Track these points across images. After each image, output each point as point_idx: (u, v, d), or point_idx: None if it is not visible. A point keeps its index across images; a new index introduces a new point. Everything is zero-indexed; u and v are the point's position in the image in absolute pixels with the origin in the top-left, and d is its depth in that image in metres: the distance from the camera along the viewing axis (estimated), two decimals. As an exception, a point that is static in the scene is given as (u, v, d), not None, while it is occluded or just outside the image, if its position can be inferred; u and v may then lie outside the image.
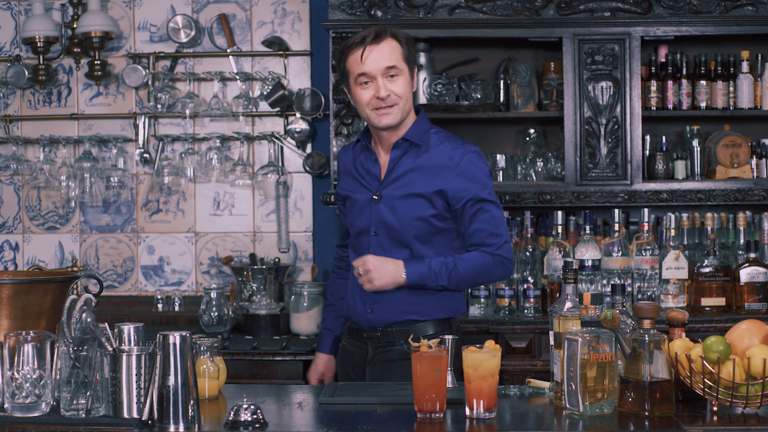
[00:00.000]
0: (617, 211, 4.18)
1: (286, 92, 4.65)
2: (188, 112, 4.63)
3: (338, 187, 3.27)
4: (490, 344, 2.43)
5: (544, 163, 4.45)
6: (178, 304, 4.62)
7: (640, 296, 4.12)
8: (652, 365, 2.36)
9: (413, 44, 3.11)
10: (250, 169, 4.71)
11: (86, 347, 2.37)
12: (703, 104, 4.40)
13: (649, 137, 4.46)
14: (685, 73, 4.42)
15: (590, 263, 4.09)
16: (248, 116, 4.72)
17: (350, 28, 4.27)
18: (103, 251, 4.77)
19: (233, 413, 2.30)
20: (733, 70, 4.43)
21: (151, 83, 4.70)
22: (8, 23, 4.80)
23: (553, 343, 2.55)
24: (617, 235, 4.13)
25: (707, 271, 4.14)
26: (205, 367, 2.65)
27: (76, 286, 2.73)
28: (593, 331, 2.39)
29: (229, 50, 4.71)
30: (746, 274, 4.10)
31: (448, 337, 2.69)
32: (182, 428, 2.28)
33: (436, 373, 2.38)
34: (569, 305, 2.54)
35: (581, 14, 4.27)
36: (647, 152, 4.44)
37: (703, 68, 4.42)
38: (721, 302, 4.13)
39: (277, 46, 4.71)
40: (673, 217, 4.23)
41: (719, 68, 4.43)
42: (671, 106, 4.41)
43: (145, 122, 4.72)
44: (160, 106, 4.67)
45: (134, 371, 2.32)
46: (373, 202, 3.10)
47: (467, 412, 2.39)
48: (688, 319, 2.61)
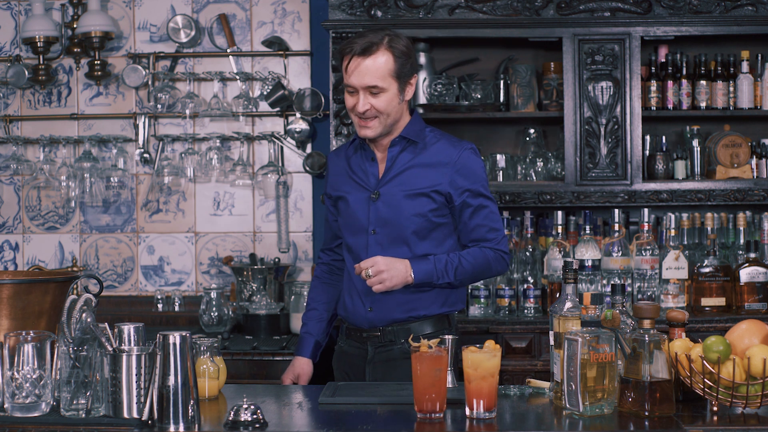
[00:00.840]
0: (617, 211, 4.18)
1: (286, 92, 4.65)
2: (188, 112, 4.63)
3: (329, 188, 3.26)
4: (490, 344, 2.43)
5: (544, 163, 4.45)
6: (178, 304, 4.62)
7: (640, 296, 4.12)
8: (652, 365, 2.36)
9: (410, 55, 3.06)
10: (250, 169, 4.71)
11: (86, 347, 2.37)
12: (703, 104, 4.40)
13: (649, 137, 4.46)
14: (685, 73, 4.42)
15: (590, 263, 4.09)
16: (248, 116, 4.72)
17: (350, 28, 4.27)
18: (103, 251, 4.77)
19: (233, 413, 2.30)
20: (733, 70, 4.43)
21: (151, 83, 4.70)
22: (8, 23, 4.80)
23: (553, 343, 2.55)
24: (617, 235, 4.13)
25: (707, 271, 4.14)
26: (205, 367, 2.65)
27: (76, 286, 2.73)
28: (593, 331, 2.39)
29: (229, 50, 4.71)
30: (746, 274, 4.10)
31: (448, 337, 2.69)
32: (182, 428, 2.28)
33: (436, 373, 2.38)
34: (569, 305, 2.54)
35: (581, 14, 4.27)
36: (647, 152, 4.44)
37: (703, 68, 4.42)
38: (721, 302, 4.13)
39: (277, 46, 4.71)
40: (673, 217, 4.23)
41: (719, 68, 4.43)
42: (671, 106, 4.41)
43: (145, 122, 4.72)
44: (160, 106, 4.67)
45: (134, 371, 2.32)
46: (370, 200, 3.09)
47: (467, 412, 2.39)
48: (688, 319, 2.61)
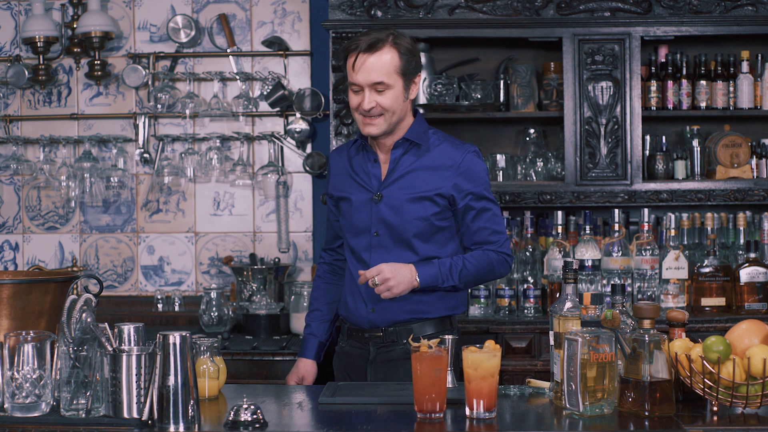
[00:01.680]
0: (617, 211, 4.18)
1: (286, 92, 4.65)
2: (188, 112, 4.63)
3: (330, 188, 3.25)
4: (490, 344, 2.43)
5: (544, 163, 4.45)
6: (178, 304, 4.62)
7: (640, 296, 4.12)
8: (652, 365, 2.36)
9: (414, 54, 3.08)
10: (250, 169, 4.71)
11: (86, 347, 2.37)
12: (703, 104, 4.40)
13: (649, 137, 4.46)
14: (685, 73, 4.42)
15: (590, 263, 4.09)
16: (248, 116, 4.72)
17: (350, 28, 4.27)
18: (103, 251, 4.77)
19: (233, 413, 2.30)
20: (733, 70, 4.43)
21: (151, 83, 4.70)
22: (8, 23, 4.80)
23: (553, 343, 2.55)
24: (617, 235, 4.13)
25: (707, 271, 4.14)
26: (205, 367, 2.65)
27: (76, 286, 2.73)
28: (593, 331, 2.39)
29: (229, 50, 4.71)
30: (746, 274, 4.10)
31: (448, 337, 2.69)
32: (182, 428, 2.28)
33: (436, 373, 2.38)
34: (569, 305, 2.54)
35: (581, 14, 4.27)
36: (647, 152, 4.44)
37: (703, 68, 4.42)
38: (721, 302, 4.13)
39: (277, 46, 4.71)
40: (673, 217, 4.23)
41: (719, 68, 4.43)
42: (671, 106, 4.41)
43: (145, 122, 4.72)
44: (160, 106, 4.67)
45: (134, 371, 2.32)
46: (373, 202, 3.08)
47: (467, 412, 2.39)
48: (688, 319, 2.61)
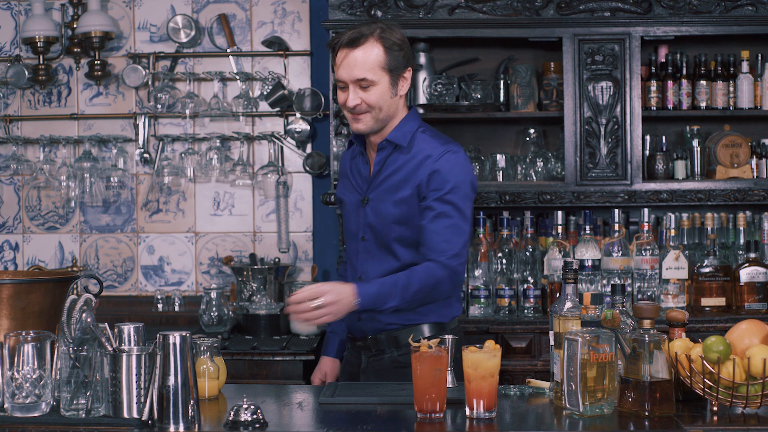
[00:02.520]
0: (617, 211, 4.18)
1: (286, 92, 4.65)
2: (188, 112, 4.63)
3: (337, 189, 3.23)
4: (490, 344, 2.43)
5: (544, 163, 4.45)
6: (178, 304, 4.62)
7: (640, 296, 4.12)
8: (652, 365, 2.36)
9: (404, 48, 2.94)
10: (250, 169, 4.71)
11: (86, 347, 2.37)
12: (703, 104, 4.40)
13: (649, 137, 4.46)
14: (685, 73, 4.42)
15: (590, 263, 4.09)
16: (248, 116, 4.72)
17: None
18: (103, 251, 4.77)
19: (233, 413, 2.30)
20: (733, 70, 4.43)
21: (151, 83, 4.70)
22: (8, 23, 4.80)
23: (553, 343, 2.55)
24: (617, 235, 4.13)
25: (707, 271, 4.14)
26: (205, 367, 2.65)
27: (76, 286, 2.73)
28: (593, 331, 2.39)
29: (229, 50, 4.71)
30: (746, 274, 4.10)
31: (448, 337, 2.69)
32: (182, 428, 2.28)
33: (436, 373, 2.38)
34: (569, 305, 2.53)
35: (581, 14, 4.27)
36: (647, 152, 4.44)
37: (703, 68, 4.42)
38: (721, 302, 4.13)
39: (277, 46, 4.71)
40: (673, 217, 4.22)
41: (719, 68, 4.43)
42: (671, 106, 4.41)
43: (145, 122, 4.72)
44: (160, 106, 4.67)
45: (134, 371, 2.32)
46: (361, 205, 3.03)
47: (467, 412, 2.39)
48: (688, 319, 2.61)
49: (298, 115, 4.66)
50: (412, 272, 2.85)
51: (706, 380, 2.34)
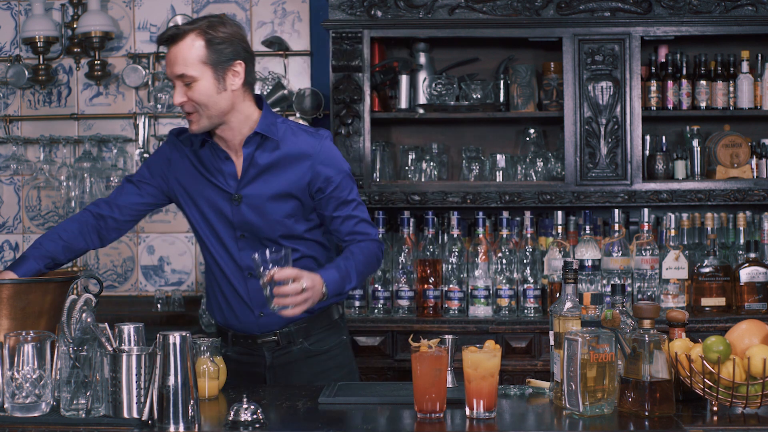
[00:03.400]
0: (617, 211, 4.18)
1: (286, 92, 4.65)
2: (188, 112, 4.63)
3: (169, 170, 2.97)
4: (490, 344, 2.43)
5: (544, 163, 4.45)
6: (178, 304, 4.62)
7: (640, 296, 4.12)
8: (652, 365, 2.36)
9: (233, 42, 2.81)
10: (250, 169, 4.71)
11: (86, 347, 2.37)
12: (703, 104, 4.40)
13: (649, 137, 4.46)
14: (685, 73, 4.42)
15: (590, 263, 4.08)
16: (248, 116, 4.72)
17: (350, 28, 4.28)
18: (103, 251, 4.77)
19: (233, 413, 2.30)
20: (733, 70, 4.43)
21: (151, 83, 4.70)
22: (8, 23, 4.80)
23: (553, 343, 2.55)
24: (617, 235, 4.13)
25: (707, 271, 4.14)
26: (205, 367, 2.65)
27: (76, 286, 2.72)
28: (593, 331, 2.39)
29: (229, 50, 4.70)
30: (746, 274, 4.09)
31: (448, 337, 2.69)
32: (182, 428, 2.28)
33: (436, 373, 2.38)
34: (569, 305, 2.54)
35: (581, 14, 4.27)
36: (647, 152, 4.44)
37: (703, 68, 4.42)
38: (721, 302, 4.13)
39: (277, 46, 4.71)
40: (673, 217, 4.22)
41: (719, 68, 4.43)
42: (671, 106, 4.41)
43: (145, 122, 4.72)
44: (160, 106, 4.67)
45: (134, 371, 2.32)
46: (233, 203, 2.90)
47: (467, 412, 2.39)
48: (688, 319, 2.61)
49: (298, 115, 4.66)
50: (359, 250, 2.87)
51: (706, 380, 2.34)
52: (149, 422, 2.29)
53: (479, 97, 4.46)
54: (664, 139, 4.44)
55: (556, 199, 4.29)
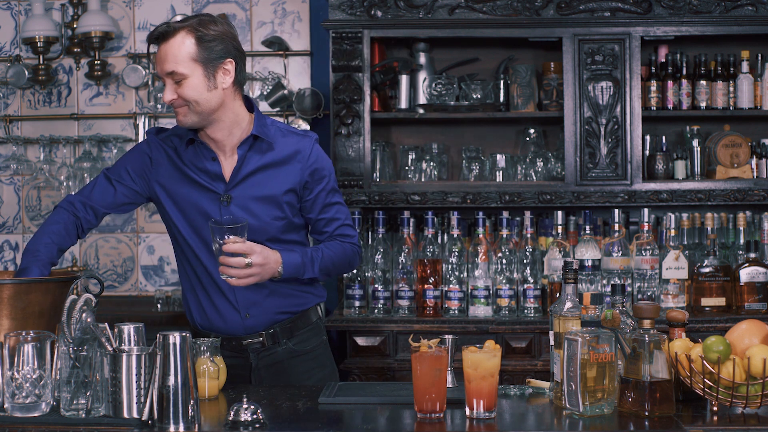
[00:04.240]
0: (617, 211, 4.18)
1: (286, 92, 4.65)
2: (188, 112, 4.63)
3: (151, 172, 2.96)
4: (490, 344, 2.43)
5: (544, 163, 4.45)
6: (178, 304, 4.62)
7: (640, 296, 4.12)
8: (652, 365, 2.36)
9: (224, 40, 2.82)
10: (250, 169, 4.71)
11: (86, 347, 2.37)
12: (703, 104, 4.40)
13: (649, 137, 4.46)
14: (685, 73, 4.42)
15: (590, 263, 4.08)
16: (248, 116, 4.72)
17: (350, 28, 4.28)
18: (103, 251, 4.77)
19: (233, 413, 2.30)
20: (733, 70, 4.43)
21: (151, 83, 4.70)
22: (8, 23, 4.80)
23: (553, 343, 2.55)
24: (617, 235, 4.13)
25: (707, 271, 4.14)
26: (205, 367, 2.65)
27: (76, 286, 2.72)
28: (593, 331, 2.39)
29: (229, 50, 4.70)
30: (746, 274, 4.09)
31: (448, 337, 2.69)
32: (182, 428, 2.28)
33: (436, 373, 2.38)
34: (569, 305, 2.54)
35: (581, 14, 4.27)
36: (647, 152, 4.44)
37: (703, 68, 4.42)
38: (721, 302, 4.13)
39: (277, 46, 4.71)
40: (673, 217, 4.22)
41: (719, 68, 4.43)
42: (671, 106, 4.41)
43: (145, 122, 4.72)
44: (160, 106, 4.68)
45: (134, 371, 2.32)
46: (221, 204, 2.89)
47: (467, 412, 2.39)
48: (688, 319, 2.61)
49: (298, 115, 4.66)
50: (334, 247, 2.95)
51: (706, 380, 2.34)
52: (149, 422, 2.29)
53: (479, 97, 4.46)
54: (664, 139, 4.44)
55: (556, 199, 4.29)
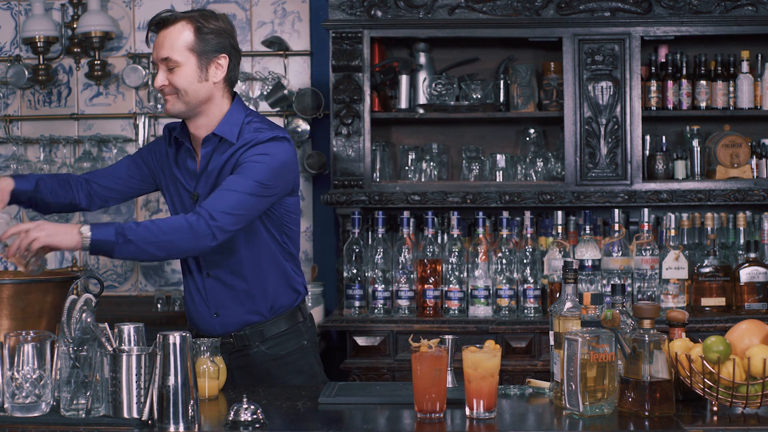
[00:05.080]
0: (617, 211, 4.18)
1: (286, 92, 4.65)
2: (188, 112, 4.63)
3: (153, 157, 3.03)
4: (490, 344, 2.43)
5: (544, 163, 4.45)
6: (178, 304, 4.62)
7: (640, 296, 4.12)
8: (652, 365, 2.36)
9: (222, 35, 2.84)
10: (250, 169, 4.71)
11: (86, 347, 2.37)
12: (703, 104, 4.40)
13: (649, 137, 4.46)
14: (685, 73, 4.42)
15: (590, 263, 4.08)
16: (248, 116, 4.72)
17: (350, 28, 4.28)
18: (103, 251, 4.77)
19: (233, 413, 2.30)
20: (733, 70, 4.43)
21: (151, 83, 4.70)
22: (8, 23, 4.80)
23: (553, 343, 2.55)
24: (617, 235, 4.13)
25: (707, 271, 4.14)
26: (205, 367, 2.65)
27: (76, 286, 2.72)
28: (593, 331, 2.39)
29: (229, 50, 4.70)
30: (746, 274, 4.09)
31: (448, 337, 2.69)
32: (182, 428, 2.28)
33: (436, 373, 2.38)
34: (569, 305, 2.54)
35: (581, 14, 4.27)
36: (647, 152, 4.44)
37: (703, 68, 4.42)
38: (721, 302, 4.13)
39: (277, 46, 4.71)
40: (673, 217, 4.22)
41: (719, 68, 4.43)
42: (671, 106, 4.41)
43: (145, 122, 4.72)
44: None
45: (134, 371, 2.32)
46: (192, 201, 2.92)
47: (467, 412, 2.39)
48: (688, 319, 2.61)
49: (298, 114, 4.66)
50: (158, 220, 2.74)
51: (706, 380, 2.34)
52: (149, 422, 2.29)
53: (479, 97, 4.46)
54: (664, 139, 4.44)
55: (556, 199, 4.29)
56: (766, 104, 4.39)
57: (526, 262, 4.20)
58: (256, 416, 2.30)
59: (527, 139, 4.56)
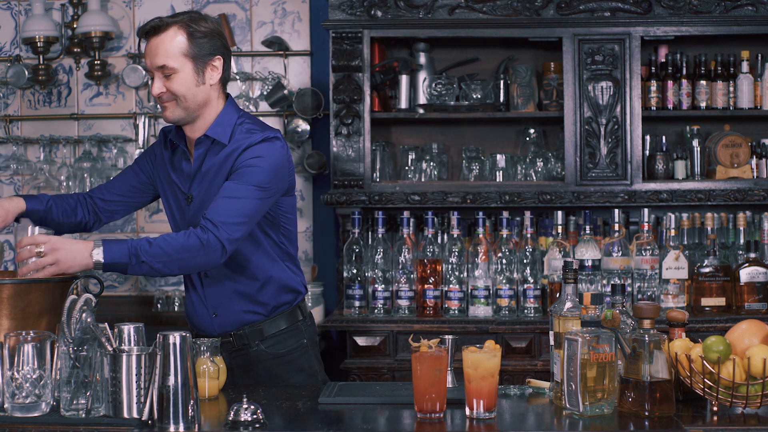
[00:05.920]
0: (617, 211, 4.18)
1: (286, 92, 4.65)
2: (188, 112, 4.63)
3: (151, 162, 3.05)
4: (490, 344, 2.43)
5: (544, 163, 4.45)
6: (178, 304, 4.62)
7: (640, 296, 4.12)
8: (652, 365, 2.37)
9: (213, 37, 2.85)
10: (250, 169, 4.71)
11: (86, 347, 2.37)
12: (703, 104, 4.40)
13: (649, 137, 4.46)
14: (685, 73, 4.42)
15: (590, 263, 4.08)
16: (248, 116, 4.72)
17: (350, 28, 4.28)
18: (103, 251, 4.76)
19: (233, 413, 2.30)
20: (733, 70, 4.43)
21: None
22: (8, 23, 4.80)
23: (553, 343, 2.55)
24: (617, 235, 4.13)
25: (707, 271, 4.14)
26: (205, 367, 2.65)
27: (76, 286, 2.72)
28: (593, 331, 2.39)
29: (229, 50, 4.71)
30: (746, 274, 4.09)
31: (448, 337, 2.69)
32: (182, 428, 2.28)
33: (436, 373, 2.38)
34: (569, 305, 2.54)
35: (581, 14, 4.27)
36: (647, 152, 4.44)
37: (703, 68, 4.42)
38: (721, 302, 4.13)
39: (277, 46, 4.71)
40: (673, 217, 4.22)
41: (719, 68, 4.43)
42: (671, 106, 4.41)
43: (145, 122, 4.72)
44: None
45: (134, 371, 2.32)
46: (186, 202, 2.93)
47: (467, 412, 2.39)
48: (688, 319, 2.61)
49: (298, 114, 4.66)
50: (166, 236, 2.73)
51: (706, 380, 2.34)
52: (149, 422, 2.29)
53: (479, 97, 4.46)
54: (664, 139, 4.44)
55: (556, 199, 4.29)
56: (766, 104, 4.39)
57: (526, 262, 4.20)
58: (256, 416, 2.30)
59: (527, 139, 4.56)
